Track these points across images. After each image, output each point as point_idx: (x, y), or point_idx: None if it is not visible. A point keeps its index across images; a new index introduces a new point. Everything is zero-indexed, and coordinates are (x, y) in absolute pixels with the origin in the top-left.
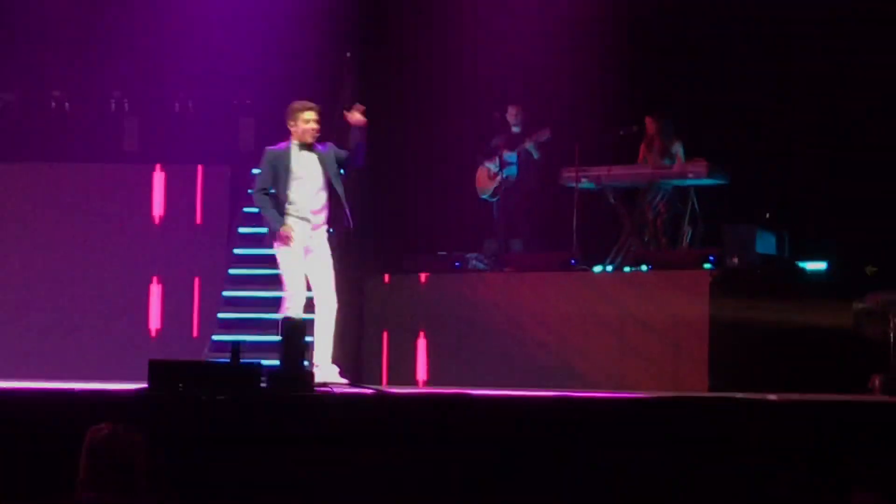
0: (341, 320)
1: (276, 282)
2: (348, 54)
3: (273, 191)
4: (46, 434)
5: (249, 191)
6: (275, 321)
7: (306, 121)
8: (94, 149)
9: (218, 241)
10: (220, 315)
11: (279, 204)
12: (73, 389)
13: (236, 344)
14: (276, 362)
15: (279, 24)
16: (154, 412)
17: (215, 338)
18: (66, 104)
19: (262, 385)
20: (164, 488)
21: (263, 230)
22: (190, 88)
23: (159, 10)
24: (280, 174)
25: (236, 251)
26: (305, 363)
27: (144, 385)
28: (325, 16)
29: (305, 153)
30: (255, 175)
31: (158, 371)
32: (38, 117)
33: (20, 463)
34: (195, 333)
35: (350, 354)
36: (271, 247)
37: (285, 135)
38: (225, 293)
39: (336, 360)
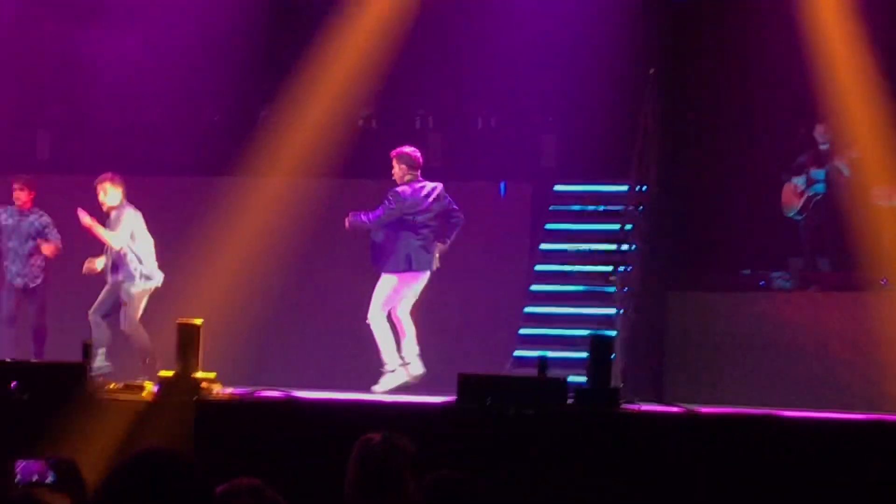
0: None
1: (579, 298)
2: (651, 71)
3: None
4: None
5: (551, 207)
6: (577, 338)
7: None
8: None
9: (519, 258)
10: (522, 331)
11: None
12: (383, 402)
13: (543, 358)
14: (582, 378)
15: (581, 41)
16: (461, 425)
17: (517, 353)
18: (373, 122)
19: (569, 401)
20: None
21: (566, 247)
22: (493, 106)
23: (462, 30)
24: None
25: (538, 268)
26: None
27: (452, 398)
28: (627, 33)
29: None
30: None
31: (468, 384)
32: (344, 135)
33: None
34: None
35: (652, 371)
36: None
37: (588, 152)
38: (526, 309)
39: (637, 375)
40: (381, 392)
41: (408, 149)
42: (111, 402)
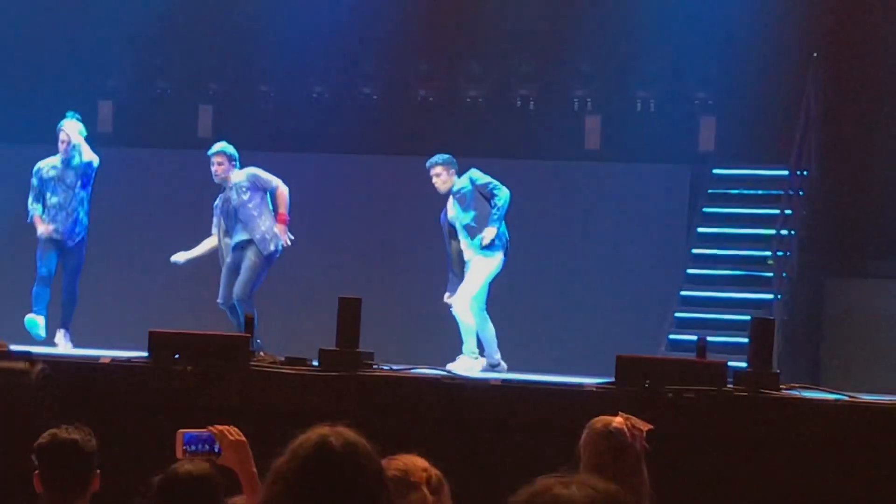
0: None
1: (736, 282)
2: (815, 54)
3: None
4: (515, 423)
5: (709, 190)
6: (733, 322)
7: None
8: (556, 147)
9: (676, 241)
10: (677, 314)
11: None
12: (539, 382)
13: (702, 339)
14: (738, 363)
15: (742, 22)
16: (620, 407)
17: (672, 336)
18: (531, 102)
19: (729, 384)
20: None
21: (725, 230)
22: (651, 88)
23: (620, 11)
24: None
25: (695, 251)
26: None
27: (610, 379)
28: (789, 15)
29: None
30: None
31: (625, 366)
32: (504, 114)
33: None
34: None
35: (809, 356)
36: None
37: (748, 135)
38: (682, 293)
39: (795, 361)
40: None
41: None
42: (274, 375)
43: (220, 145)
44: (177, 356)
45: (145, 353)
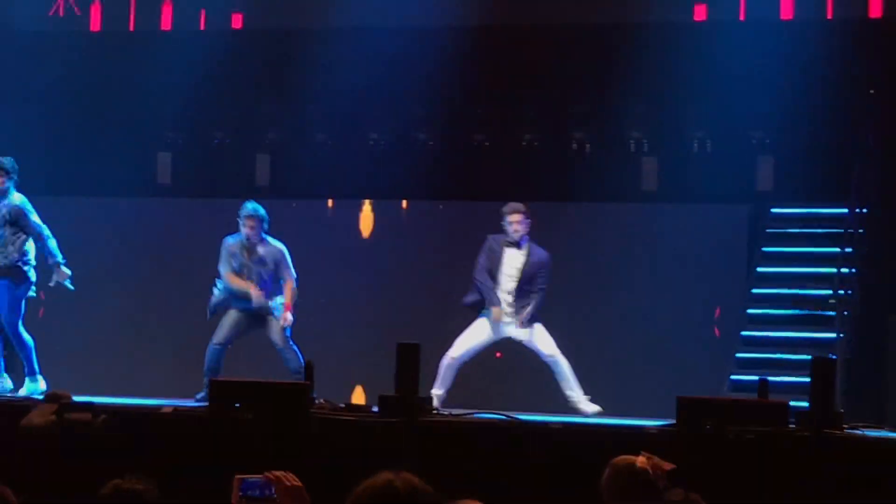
0: (864, 361)
1: (798, 322)
2: (871, 91)
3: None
4: (575, 466)
5: (768, 230)
6: (795, 361)
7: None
8: (613, 189)
9: (735, 281)
10: (739, 355)
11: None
12: (599, 424)
13: (764, 381)
14: (801, 403)
15: (797, 61)
16: (680, 449)
17: (734, 377)
18: (587, 145)
19: (790, 424)
20: None
21: (785, 269)
22: (708, 128)
23: (676, 52)
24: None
25: (755, 291)
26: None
27: (671, 421)
28: (846, 53)
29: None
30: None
31: (686, 407)
32: (561, 157)
33: (546, 491)
34: (711, 374)
35: (874, 396)
36: None
37: (806, 173)
38: (744, 333)
39: (858, 400)
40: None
41: None
42: (334, 422)
43: (252, 207)
44: (237, 404)
45: (206, 402)
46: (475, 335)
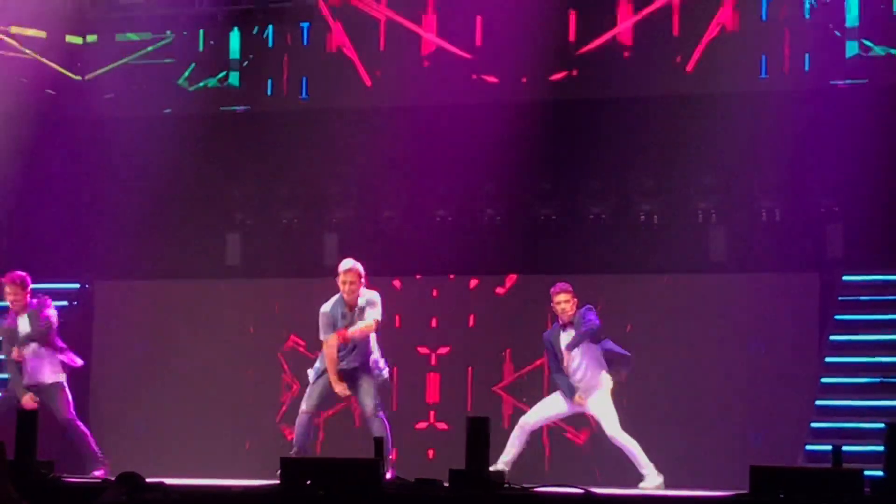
0: None
1: (873, 390)
2: None
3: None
4: None
5: (840, 297)
6: (872, 430)
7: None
8: (682, 260)
9: (808, 350)
10: (814, 424)
11: None
12: (680, 497)
13: (837, 449)
14: (878, 472)
15: (865, 125)
16: None
17: (809, 447)
18: (655, 217)
19: (866, 493)
20: None
21: (858, 338)
22: (777, 196)
23: (744, 118)
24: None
25: (828, 360)
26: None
27: (745, 491)
28: None
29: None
30: None
31: (760, 477)
32: (628, 230)
33: None
34: (786, 443)
35: None
36: None
37: (875, 240)
38: (818, 402)
39: None
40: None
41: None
42: (407, 498)
43: (351, 262)
44: (308, 482)
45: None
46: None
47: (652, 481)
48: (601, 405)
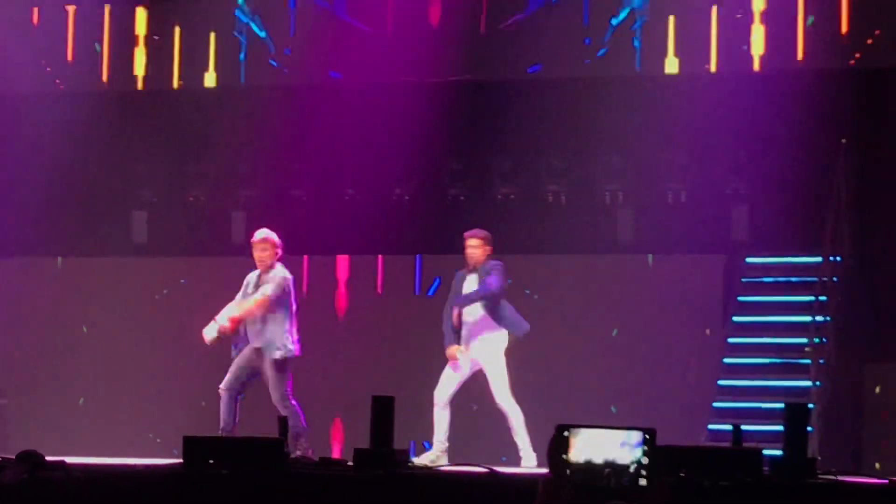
0: (841, 409)
1: (773, 370)
2: (843, 140)
3: None
4: None
5: (743, 279)
6: (772, 410)
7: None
8: (590, 241)
9: (712, 331)
10: (716, 404)
11: None
12: None
13: (737, 428)
14: (777, 452)
15: (771, 109)
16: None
17: (712, 427)
18: (563, 197)
19: (765, 472)
20: None
21: (761, 319)
22: (683, 179)
23: (652, 100)
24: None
25: (731, 340)
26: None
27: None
28: (817, 103)
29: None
30: None
31: (662, 456)
32: (537, 210)
33: None
34: (688, 423)
35: (851, 443)
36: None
37: (780, 223)
38: (721, 382)
39: (836, 448)
40: None
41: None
42: (308, 478)
43: (265, 232)
44: (211, 461)
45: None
46: None
47: (527, 461)
48: (492, 364)
